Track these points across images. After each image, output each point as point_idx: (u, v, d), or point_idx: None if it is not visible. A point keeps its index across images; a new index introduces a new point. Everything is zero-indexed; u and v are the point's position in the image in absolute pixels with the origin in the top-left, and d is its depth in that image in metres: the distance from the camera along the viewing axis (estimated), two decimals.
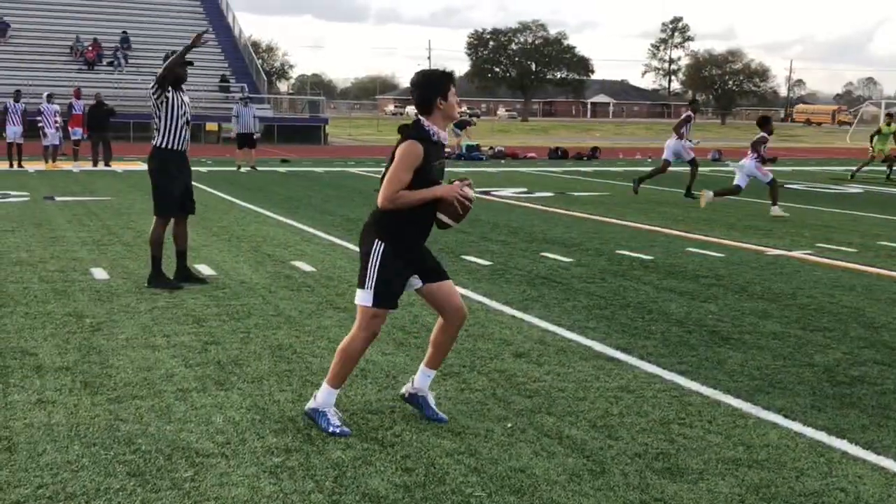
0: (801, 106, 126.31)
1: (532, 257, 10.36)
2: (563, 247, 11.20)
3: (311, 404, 4.84)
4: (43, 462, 4.24)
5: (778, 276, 9.40)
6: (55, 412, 4.92)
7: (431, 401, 4.98)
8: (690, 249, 11.16)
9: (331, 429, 4.68)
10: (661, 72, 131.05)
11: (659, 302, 8.05)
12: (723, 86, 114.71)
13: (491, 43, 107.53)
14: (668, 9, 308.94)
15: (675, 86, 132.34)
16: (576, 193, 19.05)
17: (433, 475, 4.19)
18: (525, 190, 19.65)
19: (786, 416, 5.08)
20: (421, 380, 4.98)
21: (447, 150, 23.37)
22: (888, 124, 26.16)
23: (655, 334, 6.89)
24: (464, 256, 10.28)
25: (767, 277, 9.33)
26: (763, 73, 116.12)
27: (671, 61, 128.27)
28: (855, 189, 21.56)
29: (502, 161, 32.00)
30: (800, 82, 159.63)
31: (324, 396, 4.79)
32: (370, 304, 4.68)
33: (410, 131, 4.69)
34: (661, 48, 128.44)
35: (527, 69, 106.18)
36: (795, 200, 18.01)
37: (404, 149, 4.60)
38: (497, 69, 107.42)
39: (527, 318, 7.37)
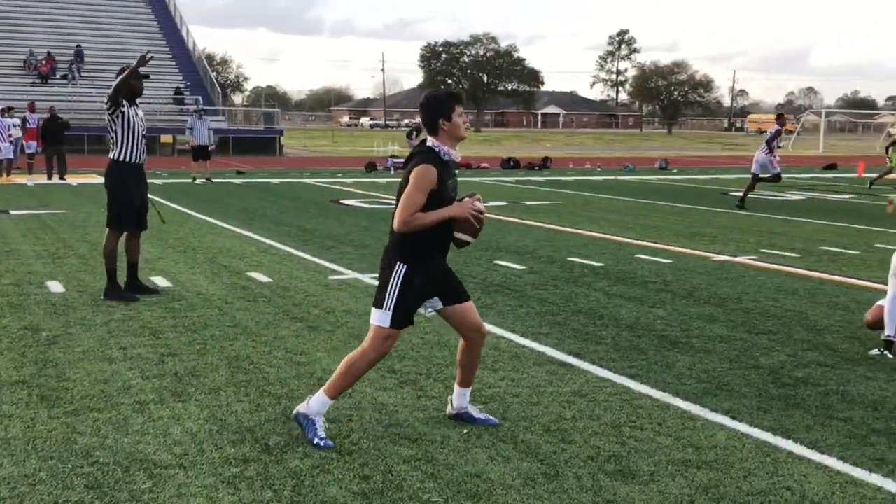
0: (753, 116, 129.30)
1: (486, 265, 10.48)
2: (516, 255, 11.34)
3: (301, 408, 4.84)
4: (0, 476, 4.24)
5: (724, 282, 9.61)
6: (12, 426, 4.91)
7: (475, 412, 5.10)
8: (640, 256, 11.35)
9: (315, 440, 4.70)
10: (608, 83, 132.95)
11: (609, 308, 8.20)
12: (668, 96, 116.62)
13: (443, 55, 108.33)
14: (615, 21, 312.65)
15: (623, 97, 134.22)
16: (528, 202, 19.23)
17: (391, 482, 4.26)
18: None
19: (733, 418, 5.23)
20: (458, 399, 5.11)
21: (402, 160, 23.51)
22: None
23: (606, 339, 7.03)
24: None
25: (714, 283, 9.54)
26: (707, 84, 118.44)
27: (618, 73, 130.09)
28: (797, 196, 22.01)
29: (456, 171, 32.12)
30: (743, 92, 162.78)
31: (317, 405, 4.80)
32: (387, 325, 4.70)
33: (423, 155, 4.73)
34: (609, 60, 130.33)
35: (479, 81, 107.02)
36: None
37: (418, 172, 4.64)
38: (450, 81, 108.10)
39: None
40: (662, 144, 68.50)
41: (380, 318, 4.72)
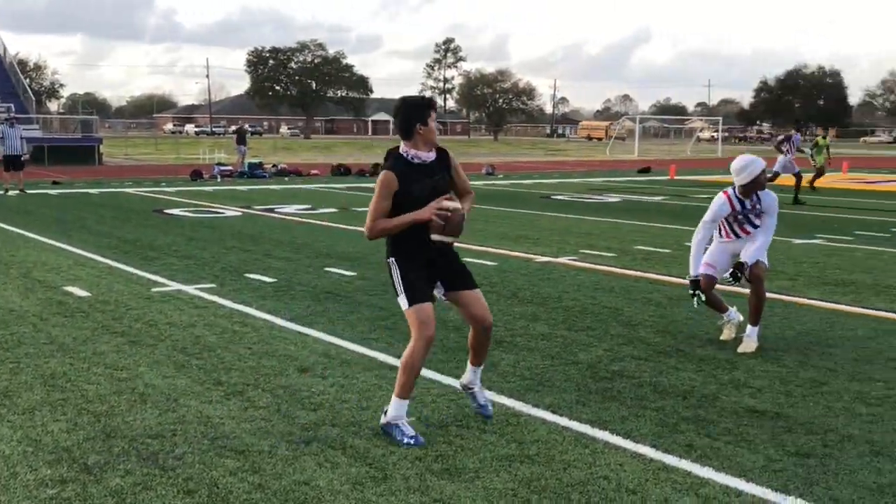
0: (584, 123, 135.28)
1: (316, 272, 10.45)
2: (346, 261, 11.35)
3: (383, 420, 5.04)
4: None
5: (546, 282, 9.96)
6: None
7: (480, 396, 5.36)
8: (466, 259, 11.53)
9: (405, 440, 4.88)
10: (436, 91, 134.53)
11: (438, 310, 8.31)
12: (494, 104, 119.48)
13: (271, 61, 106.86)
14: (442, 29, 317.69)
15: (451, 104, 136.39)
16: (359, 209, 19.25)
17: (216, 495, 4.21)
18: (309, 206, 19.67)
19: (554, 412, 5.44)
20: (469, 376, 5.38)
21: (230, 168, 23.17)
22: (823, 137, 26.20)
23: (434, 341, 7.13)
24: (247, 274, 10.22)
25: (536, 283, 9.87)
26: (530, 92, 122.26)
27: (445, 81, 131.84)
28: (613, 199, 22.98)
29: (286, 178, 31.79)
30: (564, 100, 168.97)
31: (395, 409, 5.00)
32: (407, 305, 4.98)
33: (388, 161, 4.99)
34: (436, 68, 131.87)
35: (307, 87, 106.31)
36: (561, 210, 19.08)
37: (379, 180, 4.93)
38: (278, 87, 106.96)
39: (311, 332, 7.45)
40: (489, 151, 70.14)
41: (401, 303, 5.03)
